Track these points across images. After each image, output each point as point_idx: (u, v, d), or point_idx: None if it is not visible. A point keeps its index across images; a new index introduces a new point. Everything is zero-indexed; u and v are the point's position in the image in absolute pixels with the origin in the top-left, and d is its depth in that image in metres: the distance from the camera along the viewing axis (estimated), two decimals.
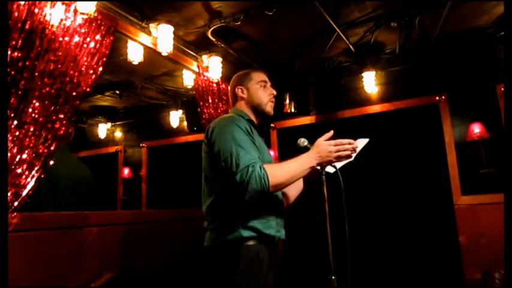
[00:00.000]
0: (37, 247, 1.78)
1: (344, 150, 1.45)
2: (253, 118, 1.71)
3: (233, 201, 1.46)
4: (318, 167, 1.48)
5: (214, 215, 1.52)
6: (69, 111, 1.89)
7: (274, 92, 1.76)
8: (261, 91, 1.74)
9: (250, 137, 1.51)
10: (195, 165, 1.85)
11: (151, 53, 2.77)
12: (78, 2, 1.99)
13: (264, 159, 1.56)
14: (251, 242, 1.46)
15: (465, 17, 2.97)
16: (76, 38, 1.99)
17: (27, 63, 1.70)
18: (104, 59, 2.12)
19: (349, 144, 1.47)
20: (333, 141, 1.47)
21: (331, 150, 1.45)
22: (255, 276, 1.42)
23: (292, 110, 3.69)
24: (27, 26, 1.70)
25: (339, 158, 1.46)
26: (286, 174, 1.41)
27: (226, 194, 1.49)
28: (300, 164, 1.44)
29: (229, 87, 1.85)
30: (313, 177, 1.61)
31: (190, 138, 4.59)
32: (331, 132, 1.52)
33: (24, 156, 1.65)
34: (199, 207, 1.61)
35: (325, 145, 1.46)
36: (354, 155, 1.51)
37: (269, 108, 1.74)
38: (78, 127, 5.38)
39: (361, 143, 1.61)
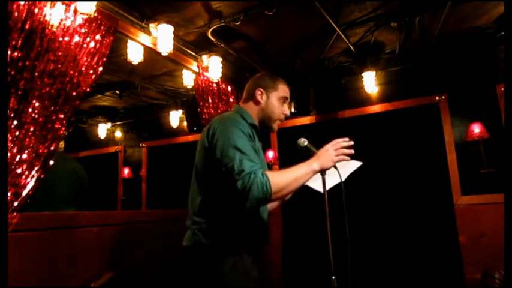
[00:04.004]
0: (37, 247, 1.78)
1: (342, 148, 1.47)
2: (256, 123, 1.67)
3: (224, 205, 1.46)
4: (321, 170, 1.46)
5: (203, 216, 1.49)
6: (69, 111, 1.89)
7: (288, 113, 1.73)
8: (278, 107, 1.69)
9: (252, 143, 1.49)
10: None
11: (151, 53, 2.77)
12: (78, 2, 1.99)
13: (263, 162, 1.57)
14: (237, 245, 1.47)
15: (465, 17, 2.97)
16: (76, 38, 1.99)
17: (27, 63, 1.70)
18: (104, 59, 2.13)
19: (344, 141, 1.48)
20: (329, 143, 1.49)
21: (327, 149, 1.47)
22: (241, 276, 1.43)
23: (292, 110, 3.69)
24: (27, 26, 1.70)
25: (339, 157, 1.47)
26: (288, 180, 1.39)
27: (218, 197, 1.48)
28: (300, 169, 1.43)
29: (250, 81, 1.76)
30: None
31: (190, 138, 4.59)
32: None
33: (24, 156, 1.65)
34: None
35: (323, 148, 1.49)
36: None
37: (275, 126, 1.72)
38: (78, 127, 5.39)
39: (354, 165, 1.62)
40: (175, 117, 4.58)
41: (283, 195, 1.43)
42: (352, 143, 1.49)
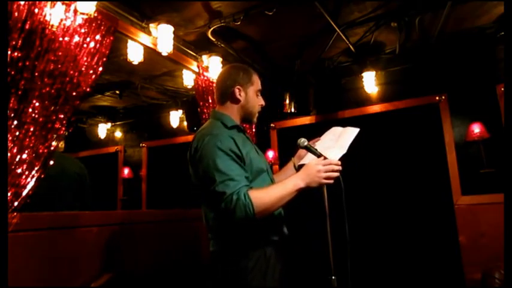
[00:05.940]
0: (37, 247, 1.78)
1: (332, 171, 1.40)
2: (238, 122, 1.64)
3: None
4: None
5: (221, 231, 1.50)
6: (69, 111, 1.89)
7: (263, 103, 1.70)
8: (256, 100, 1.66)
9: (235, 155, 1.44)
10: None
11: (151, 53, 2.76)
12: (78, 2, 1.99)
13: (254, 163, 1.52)
14: (258, 243, 1.47)
15: (465, 17, 2.97)
16: (76, 38, 1.99)
17: (27, 63, 1.70)
18: (104, 59, 2.12)
19: (337, 165, 1.42)
20: (322, 161, 1.42)
21: (320, 170, 1.39)
22: (263, 273, 1.43)
23: (292, 110, 3.69)
24: (27, 26, 1.70)
25: (328, 179, 1.40)
26: (272, 199, 1.36)
27: None
28: (286, 187, 1.39)
29: (219, 79, 1.68)
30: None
31: (190, 138, 4.53)
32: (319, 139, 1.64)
33: (24, 156, 1.65)
34: (199, 208, 1.60)
35: (313, 165, 1.42)
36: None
37: (255, 118, 1.70)
38: (78, 127, 5.39)
39: (352, 132, 1.57)
40: (175, 117, 4.58)
41: (269, 214, 1.39)
42: (340, 168, 1.43)
